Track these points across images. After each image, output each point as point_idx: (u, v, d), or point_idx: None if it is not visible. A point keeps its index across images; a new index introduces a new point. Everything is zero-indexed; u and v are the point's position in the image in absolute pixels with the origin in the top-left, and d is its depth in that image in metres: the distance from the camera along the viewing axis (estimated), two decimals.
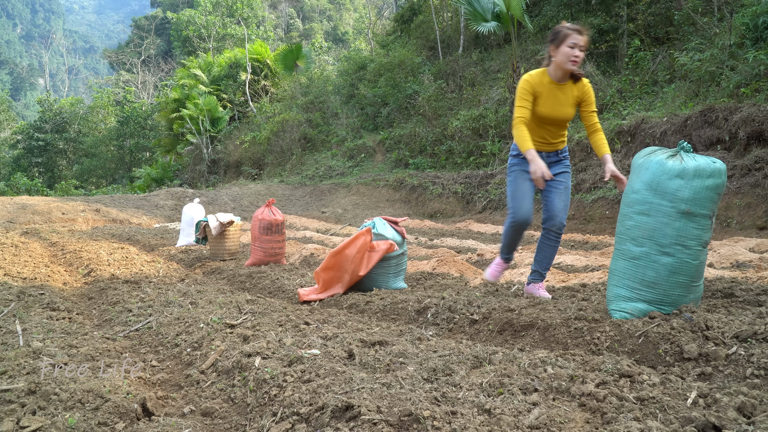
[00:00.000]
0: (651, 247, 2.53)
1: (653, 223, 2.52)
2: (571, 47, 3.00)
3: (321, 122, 20.61)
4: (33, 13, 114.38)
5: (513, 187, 3.28)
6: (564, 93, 3.16)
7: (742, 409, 1.64)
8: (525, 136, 3.08)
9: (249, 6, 35.52)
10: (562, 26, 3.08)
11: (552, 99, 3.14)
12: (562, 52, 3.03)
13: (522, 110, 3.10)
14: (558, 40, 3.05)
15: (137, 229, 11.03)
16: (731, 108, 8.29)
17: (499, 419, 1.66)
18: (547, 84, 3.13)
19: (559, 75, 3.12)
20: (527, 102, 3.10)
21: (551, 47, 3.09)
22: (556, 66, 3.09)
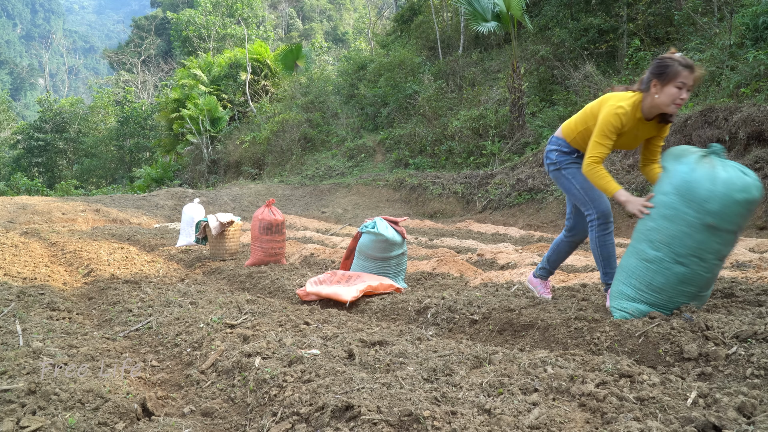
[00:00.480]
0: (666, 254, 2.45)
1: (674, 230, 2.42)
2: (679, 87, 2.54)
3: (321, 122, 20.62)
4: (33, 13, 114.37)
5: (581, 177, 2.87)
6: (645, 128, 2.76)
7: (742, 409, 1.64)
8: (607, 177, 2.66)
9: (249, 6, 35.52)
10: (672, 59, 2.57)
11: (632, 134, 2.75)
12: (668, 93, 2.56)
13: (603, 149, 2.67)
14: (666, 77, 2.55)
15: (137, 229, 11.03)
16: (731, 108, 8.29)
17: (499, 419, 1.66)
18: (636, 120, 2.69)
19: (653, 113, 2.67)
20: (611, 141, 2.67)
21: (655, 81, 2.58)
22: (653, 104, 2.62)
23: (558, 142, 3.00)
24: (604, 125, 2.66)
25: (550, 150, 3.04)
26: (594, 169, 2.67)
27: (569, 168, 2.94)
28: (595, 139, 2.68)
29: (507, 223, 10.09)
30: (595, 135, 2.68)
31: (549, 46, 14.87)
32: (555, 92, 14.16)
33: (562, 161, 2.97)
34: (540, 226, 9.33)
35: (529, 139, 13.00)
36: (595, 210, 2.86)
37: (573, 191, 2.93)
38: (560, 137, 3.00)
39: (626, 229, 7.94)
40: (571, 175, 2.93)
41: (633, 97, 2.66)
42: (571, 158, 2.95)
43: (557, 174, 3.00)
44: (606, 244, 2.87)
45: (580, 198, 2.91)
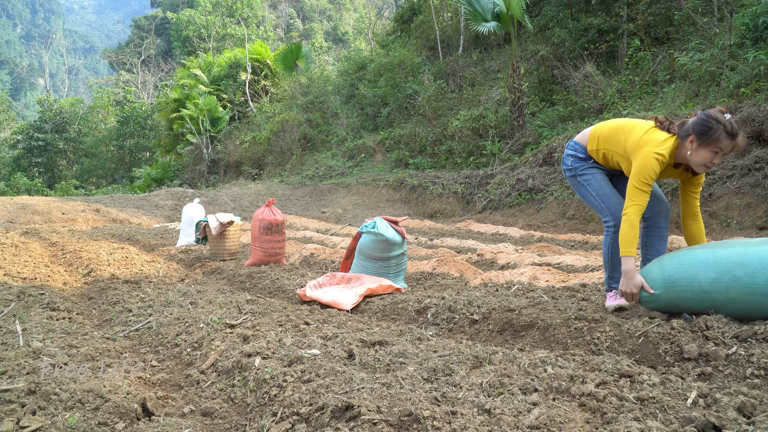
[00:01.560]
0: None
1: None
2: (714, 152, 2.47)
3: (321, 122, 20.62)
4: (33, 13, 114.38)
5: (596, 184, 2.83)
6: (668, 172, 2.72)
7: (742, 409, 1.64)
8: (635, 238, 2.54)
9: (249, 6, 35.52)
10: (719, 122, 2.45)
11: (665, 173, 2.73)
12: (701, 155, 2.49)
13: (645, 196, 2.54)
14: (706, 140, 2.46)
15: (137, 229, 11.03)
16: (731, 108, 8.30)
17: (499, 419, 1.66)
18: (667, 164, 2.61)
19: (680, 162, 2.63)
20: (650, 188, 2.56)
21: (693, 138, 2.49)
22: (683, 157, 2.56)
23: (575, 147, 2.95)
24: (645, 171, 2.53)
25: (567, 155, 2.99)
26: (630, 225, 2.54)
27: (584, 174, 2.88)
28: (637, 186, 2.55)
29: (507, 223, 10.09)
30: (636, 182, 2.55)
31: (549, 46, 14.87)
32: (555, 92, 14.16)
33: (577, 167, 2.91)
34: (540, 226, 9.33)
35: (529, 139, 13.00)
36: (612, 217, 2.80)
37: (589, 198, 2.89)
38: (579, 143, 2.94)
39: None
40: (586, 182, 2.87)
41: (670, 143, 2.55)
42: (586, 164, 2.89)
43: (573, 180, 2.96)
44: (618, 251, 2.77)
45: (596, 205, 2.86)
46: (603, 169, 2.90)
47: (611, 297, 2.89)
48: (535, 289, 3.70)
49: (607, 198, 2.81)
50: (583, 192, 2.90)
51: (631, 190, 2.57)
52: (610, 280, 2.91)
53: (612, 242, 2.81)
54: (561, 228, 8.85)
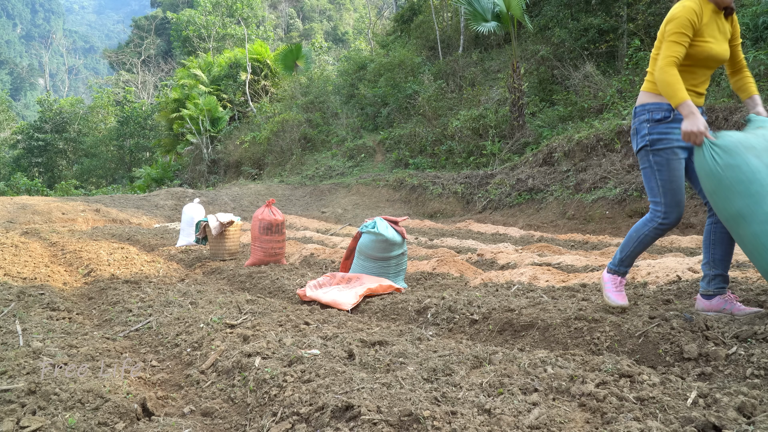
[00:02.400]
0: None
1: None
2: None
3: (321, 122, 20.62)
4: (33, 13, 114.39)
5: (668, 174, 2.47)
6: (723, 23, 2.49)
7: (742, 409, 1.64)
8: (680, 81, 2.32)
9: (249, 6, 35.53)
10: None
11: (717, 32, 2.45)
12: None
13: (678, 48, 2.34)
14: None
15: (137, 229, 11.03)
16: (731, 108, 8.29)
17: (499, 419, 1.66)
18: (711, 12, 2.42)
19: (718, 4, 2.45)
20: (687, 38, 2.35)
21: None
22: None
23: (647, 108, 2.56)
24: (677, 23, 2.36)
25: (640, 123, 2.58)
26: (668, 73, 2.33)
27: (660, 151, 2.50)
28: (669, 40, 2.37)
29: (507, 223, 10.09)
30: (669, 34, 2.37)
31: (549, 46, 14.87)
32: (555, 92, 14.16)
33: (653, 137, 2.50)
34: (540, 226, 9.33)
35: (529, 139, 13.00)
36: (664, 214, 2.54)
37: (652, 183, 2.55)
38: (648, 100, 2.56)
39: (626, 229, 7.94)
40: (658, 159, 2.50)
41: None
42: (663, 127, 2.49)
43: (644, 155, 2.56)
44: (645, 241, 2.61)
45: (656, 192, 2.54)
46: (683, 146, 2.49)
47: (618, 287, 2.70)
48: (535, 289, 3.70)
49: (671, 194, 2.49)
50: (647, 172, 2.54)
51: (665, 45, 2.39)
52: (621, 264, 2.69)
53: (648, 234, 2.57)
54: (561, 228, 8.85)
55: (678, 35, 2.35)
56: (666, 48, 2.37)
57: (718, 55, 2.45)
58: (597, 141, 10.20)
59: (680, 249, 5.72)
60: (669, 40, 2.37)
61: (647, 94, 2.55)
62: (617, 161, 9.67)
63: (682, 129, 2.31)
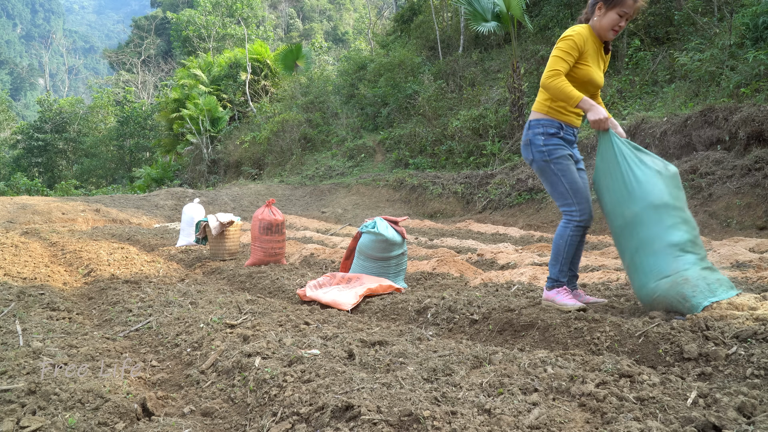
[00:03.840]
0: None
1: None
2: (620, 15, 2.65)
3: (321, 122, 20.62)
4: (33, 13, 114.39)
5: (570, 178, 2.73)
6: (602, 54, 2.81)
7: (742, 409, 1.64)
8: (571, 86, 2.61)
9: (249, 6, 35.53)
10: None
11: (597, 60, 2.77)
12: (609, 19, 2.66)
13: (563, 63, 2.64)
14: (612, 2, 2.64)
15: (137, 229, 11.03)
16: (731, 108, 8.29)
17: (499, 419, 1.66)
18: (593, 42, 2.73)
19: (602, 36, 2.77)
20: (572, 59, 2.65)
21: (600, 5, 2.67)
22: (597, 27, 2.73)
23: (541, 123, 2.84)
24: (564, 45, 2.68)
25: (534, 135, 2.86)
26: (559, 81, 2.62)
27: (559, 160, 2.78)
28: (556, 56, 2.67)
29: (507, 223, 10.09)
30: (556, 50, 2.68)
31: (549, 46, 14.86)
32: None
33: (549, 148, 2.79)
34: (540, 226, 9.33)
35: None
36: (579, 212, 2.78)
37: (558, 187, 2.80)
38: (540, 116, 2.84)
39: None
40: (559, 167, 2.78)
41: (581, 25, 2.76)
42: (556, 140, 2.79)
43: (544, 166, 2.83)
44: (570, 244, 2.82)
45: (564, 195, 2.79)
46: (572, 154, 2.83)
47: (566, 295, 2.83)
48: (535, 289, 3.70)
49: (580, 193, 2.76)
50: (554, 180, 2.77)
51: (551, 60, 2.69)
52: (560, 274, 2.84)
53: (572, 236, 2.77)
54: None
55: (565, 53, 2.66)
56: (554, 63, 2.66)
57: (596, 80, 2.77)
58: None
59: None
60: (557, 56, 2.67)
61: (538, 113, 2.82)
62: None
63: (589, 119, 2.61)
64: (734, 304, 2.49)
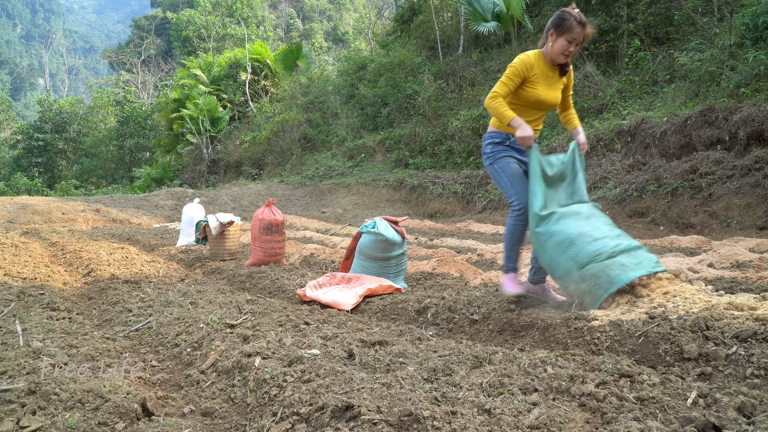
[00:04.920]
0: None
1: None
2: (568, 42, 2.90)
3: (321, 122, 20.61)
4: (33, 13, 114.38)
5: (508, 173, 3.06)
6: (556, 77, 3.09)
7: (742, 409, 1.64)
8: (505, 106, 2.93)
9: (249, 6, 35.53)
10: (569, 14, 2.89)
11: (546, 82, 3.04)
12: (559, 45, 2.93)
13: (504, 87, 2.96)
14: (561, 30, 2.90)
15: (137, 229, 11.03)
16: (731, 108, 8.29)
17: (499, 419, 1.66)
18: (543, 66, 3.02)
19: (552, 61, 3.04)
20: (513, 84, 2.97)
21: (551, 32, 2.95)
22: (549, 53, 3.00)
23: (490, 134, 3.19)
24: (508, 70, 2.98)
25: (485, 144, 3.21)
26: (496, 101, 2.93)
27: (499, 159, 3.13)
28: (501, 80, 2.97)
29: None
30: (503, 76, 2.98)
31: None
32: None
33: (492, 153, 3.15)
34: None
35: None
36: (518, 202, 3.06)
37: (501, 183, 3.14)
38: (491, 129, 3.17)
39: (626, 229, 7.94)
40: (498, 166, 3.13)
41: (536, 51, 3.05)
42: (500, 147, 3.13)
43: (490, 168, 3.19)
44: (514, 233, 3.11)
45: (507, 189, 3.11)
46: (516, 156, 3.12)
47: (510, 281, 3.11)
48: None
49: (517, 185, 3.06)
50: (497, 177, 3.14)
51: (497, 83, 2.99)
52: (508, 260, 3.15)
53: (514, 224, 3.08)
54: None
55: (508, 78, 2.96)
56: (496, 87, 2.96)
57: (545, 101, 3.05)
58: (597, 141, 10.20)
59: (680, 249, 5.73)
60: (500, 80, 2.99)
61: (491, 126, 3.17)
62: (617, 161, 9.67)
63: (516, 136, 2.91)
64: (734, 304, 2.49)
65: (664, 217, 7.94)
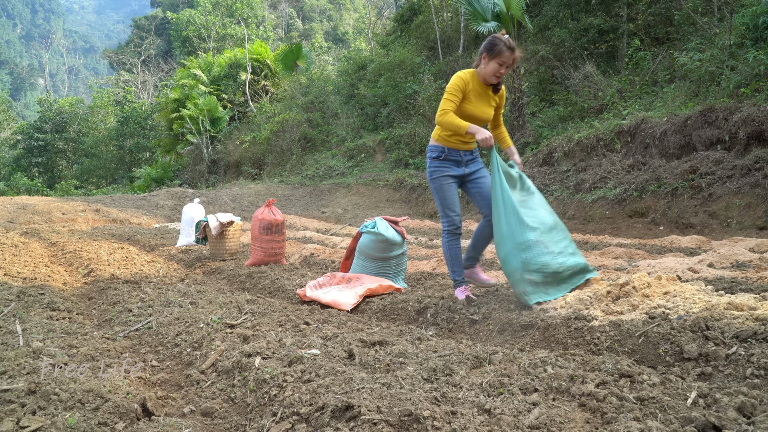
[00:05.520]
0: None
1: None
2: (499, 65, 3.16)
3: (321, 122, 20.61)
4: (33, 13, 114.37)
5: (441, 195, 3.38)
6: (488, 95, 3.33)
7: (742, 409, 1.64)
8: (458, 119, 3.15)
9: (249, 6, 35.53)
10: (500, 40, 3.15)
11: (479, 99, 3.29)
12: (491, 67, 3.18)
13: (450, 103, 3.19)
14: (492, 54, 3.16)
15: (137, 229, 11.03)
16: (731, 108, 8.29)
17: (499, 419, 1.66)
18: (476, 85, 3.27)
19: (485, 80, 3.28)
20: (457, 99, 3.20)
21: (484, 55, 3.19)
22: (482, 73, 3.25)
23: (430, 148, 3.45)
24: (449, 88, 3.22)
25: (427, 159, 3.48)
26: (447, 116, 3.15)
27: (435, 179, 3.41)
28: (445, 97, 3.21)
29: None
30: (446, 94, 3.21)
31: (549, 46, 14.87)
32: (555, 92, 14.15)
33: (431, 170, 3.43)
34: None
35: (529, 139, 13.00)
36: (448, 222, 3.38)
37: (437, 201, 3.43)
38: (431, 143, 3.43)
39: (626, 229, 7.94)
40: (435, 186, 3.41)
41: (470, 70, 3.29)
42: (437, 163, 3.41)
43: (430, 183, 3.46)
44: (453, 247, 3.42)
45: (440, 209, 3.42)
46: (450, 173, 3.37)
47: (461, 292, 3.41)
48: None
49: (449, 207, 3.38)
50: (434, 194, 3.43)
51: (441, 102, 3.22)
52: (454, 274, 3.47)
53: (448, 242, 3.40)
54: None
55: (451, 95, 3.20)
56: (443, 104, 3.21)
57: (477, 116, 3.29)
58: (597, 141, 10.20)
59: (680, 249, 5.73)
60: (444, 97, 3.21)
61: (432, 140, 3.43)
62: (617, 161, 9.67)
63: (477, 140, 3.12)
64: (734, 304, 2.49)
65: (664, 217, 7.94)
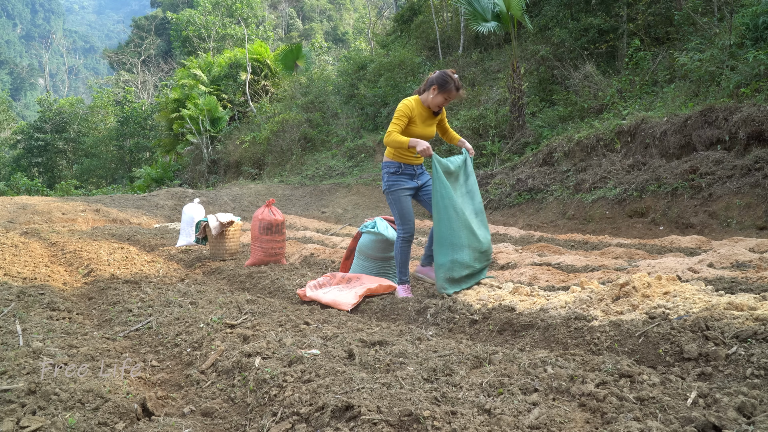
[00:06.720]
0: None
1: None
2: (445, 99, 3.63)
3: (321, 122, 20.61)
4: (33, 13, 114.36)
5: (399, 206, 3.77)
6: (431, 117, 3.78)
7: (742, 409, 1.64)
8: (401, 136, 3.57)
9: (249, 6, 35.51)
10: (451, 79, 3.59)
11: (423, 122, 3.73)
12: (438, 99, 3.64)
13: (397, 127, 3.62)
14: (443, 90, 3.60)
15: (137, 229, 11.03)
16: (731, 108, 8.29)
17: (499, 419, 1.66)
18: (420, 110, 3.71)
19: (429, 107, 3.72)
20: (403, 123, 3.62)
21: (435, 87, 3.61)
22: (428, 101, 3.68)
23: (386, 164, 3.83)
24: (396, 113, 3.65)
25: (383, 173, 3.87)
26: (394, 135, 3.58)
27: (393, 192, 3.80)
28: (393, 122, 3.63)
29: (507, 223, 10.09)
30: (394, 119, 3.63)
31: (549, 46, 14.87)
32: (555, 92, 14.16)
33: (389, 184, 3.83)
34: (540, 226, 9.33)
35: (529, 139, 13.00)
36: (403, 230, 3.75)
37: (394, 212, 3.79)
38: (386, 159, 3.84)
39: (626, 229, 7.94)
40: (393, 198, 3.80)
41: (413, 97, 3.74)
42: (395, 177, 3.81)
43: (387, 195, 3.85)
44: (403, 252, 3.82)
45: (397, 218, 3.79)
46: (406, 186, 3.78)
47: (402, 290, 3.83)
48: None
49: (404, 216, 3.77)
50: (391, 206, 3.81)
51: (391, 124, 3.64)
52: (401, 274, 3.86)
53: (401, 247, 3.80)
54: (561, 228, 8.85)
55: (398, 120, 3.64)
56: (390, 126, 3.64)
57: (422, 135, 3.73)
58: (597, 141, 10.20)
59: (680, 249, 5.73)
60: (392, 121, 3.65)
61: (386, 158, 3.84)
62: (617, 161, 9.67)
63: (417, 151, 3.49)
64: (734, 304, 2.49)
65: (664, 217, 7.94)
